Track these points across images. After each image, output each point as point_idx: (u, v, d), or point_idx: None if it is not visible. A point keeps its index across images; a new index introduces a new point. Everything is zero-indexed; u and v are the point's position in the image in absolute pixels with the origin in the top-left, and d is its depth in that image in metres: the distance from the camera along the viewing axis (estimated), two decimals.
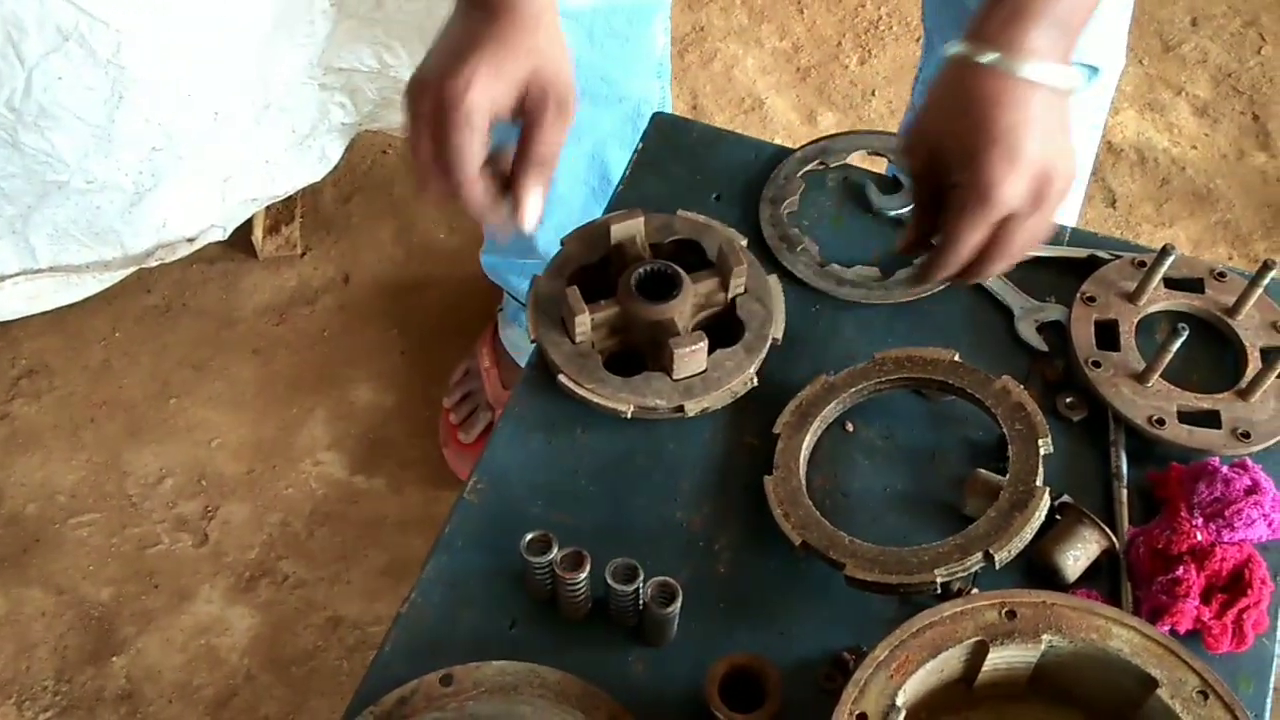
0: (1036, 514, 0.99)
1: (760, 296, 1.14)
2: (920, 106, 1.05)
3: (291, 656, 1.80)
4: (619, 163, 1.51)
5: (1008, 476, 1.01)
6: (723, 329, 1.13)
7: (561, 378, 1.10)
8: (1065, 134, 1.01)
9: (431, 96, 1.00)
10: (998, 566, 0.98)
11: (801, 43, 2.44)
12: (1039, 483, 1.00)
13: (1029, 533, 0.99)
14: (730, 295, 1.13)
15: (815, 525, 1.02)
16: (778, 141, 1.57)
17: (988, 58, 0.97)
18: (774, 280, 1.15)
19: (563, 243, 1.17)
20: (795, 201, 1.24)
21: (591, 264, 1.16)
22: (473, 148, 1.01)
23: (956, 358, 1.09)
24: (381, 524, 1.90)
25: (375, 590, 1.84)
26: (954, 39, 1.00)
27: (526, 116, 1.03)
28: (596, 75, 1.54)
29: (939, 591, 0.98)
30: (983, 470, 1.05)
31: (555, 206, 1.66)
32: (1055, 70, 0.98)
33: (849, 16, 2.47)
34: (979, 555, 0.97)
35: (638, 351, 1.13)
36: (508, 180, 1.05)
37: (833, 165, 1.27)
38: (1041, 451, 1.02)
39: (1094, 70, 1.47)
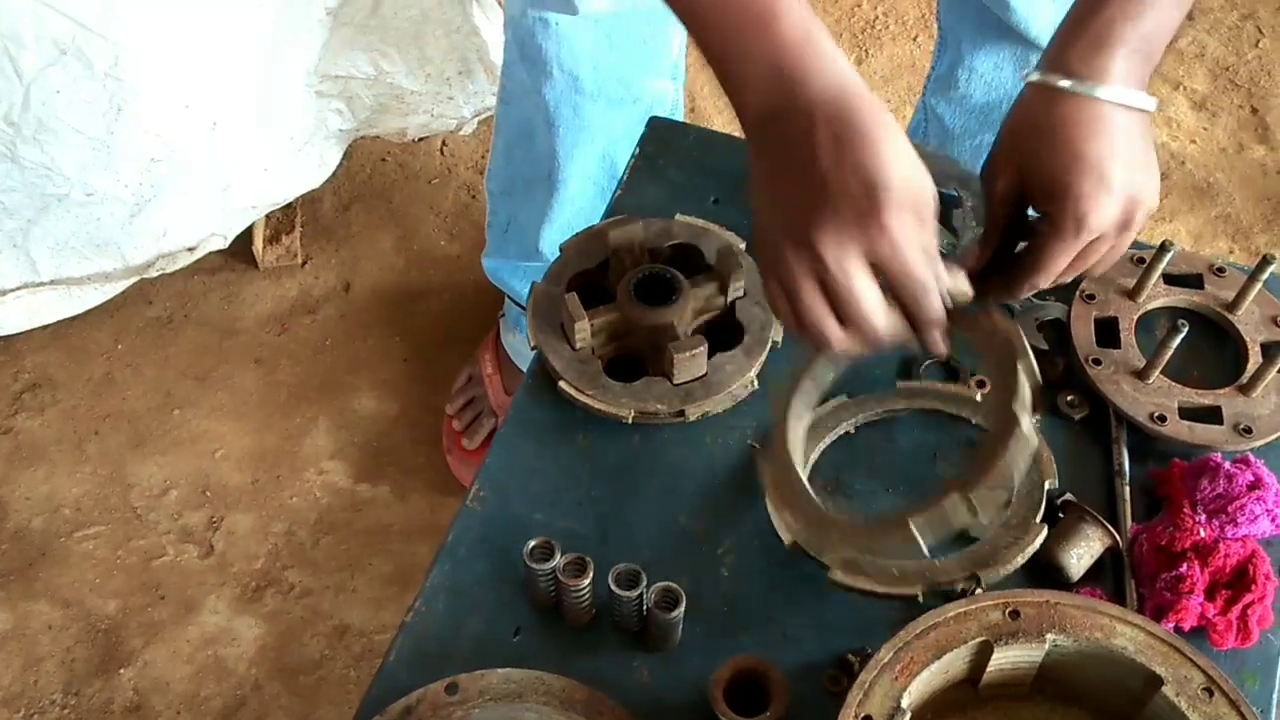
0: (1032, 545, 1.00)
1: (759, 299, 1.14)
2: (1001, 134, 1.05)
3: (299, 666, 1.80)
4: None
5: (1009, 513, 1.02)
6: (722, 332, 1.13)
7: (562, 384, 1.10)
8: (1149, 154, 1.02)
9: (862, 242, 0.86)
10: (983, 588, 0.98)
11: None
12: (1038, 519, 1.01)
13: (1021, 559, 0.99)
14: (729, 299, 1.13)
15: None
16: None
17: (1069, 84, 0.98)
18: None
19: (561, 249, 1.17)
20: None
21: (590, 270, 1.16)
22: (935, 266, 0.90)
23: (979, 398, 1.10)
24: (386, 532, 1.90)
25: (381, 598, 1.84)
26: (970, 40, 0.99)
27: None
28: (613, 77, 1.55)
29: (921, 601, 0.98)
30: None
31: (564, 205, 1.68)
32: (1136, 94, 0.99)
33: (845, 16, 2.47)
34: (964, 575, 0.99)
35: (638, 357, 1.13)
36: None
37: None
38: (1046, 487, 1.03)
39: None
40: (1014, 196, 1.04)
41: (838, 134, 0.86)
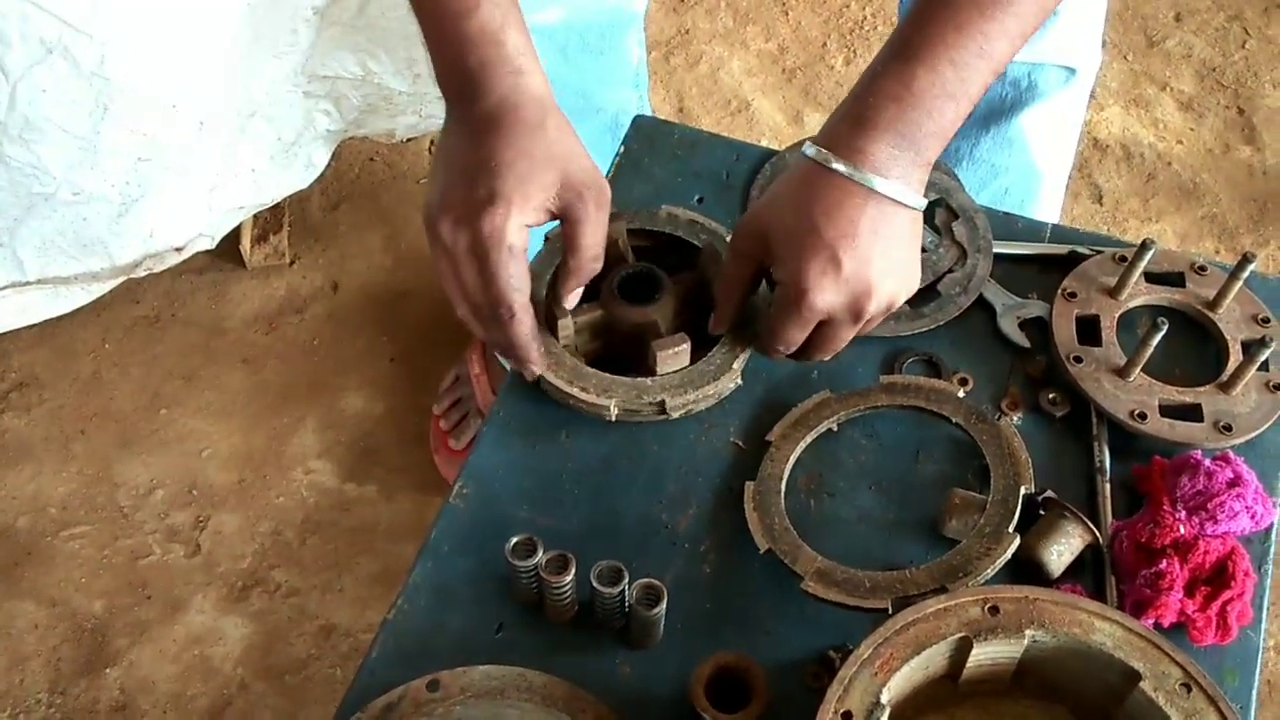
0: (1004, 555, 1.00)
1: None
2: (764, 194, 1.04)
3: (285, 665, 1.80)
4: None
5: (981, 521, 1.02)
6: (705, 329, 1.13)
7: (545, 375, 1.09)
8: (904, 249, 1.01)
9: (466, 234, 0.98)
10: None
11: (787, 44, 2.45)
12: (1011, 528, 1.01)
13: (991, 570, 1.00)
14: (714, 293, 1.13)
15: (784, 535, 1.03)
16: (764, 143, 1.57)
17: (831, 163, 0.97)
18: None
19: (547, 238, 1.16)
20: None
21: None
22: (524, 279, 1.01)
23: (961, 394, 1.10)
24: (373, 531, 1.90)
25: (367, 598, 1.84)
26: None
27: (568, 222, 1.02)
28: (571, 89, 1.55)
29: (891, 614, 0.99)
30: (960, 490, 1.05)
31: None
32: (893, 185, 0.97)
33: (834, 17, 2.48)
34: (934, 587, 0.99)
35: (621, 354, 1.13)
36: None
37: None
38: (1021, 493, 1.03)
39: (1071, 71, 1.48)
40: (755, 251, 1.03)
41: (485, 143, 0.98)
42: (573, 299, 1.08)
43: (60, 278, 1.83)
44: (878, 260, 0.98)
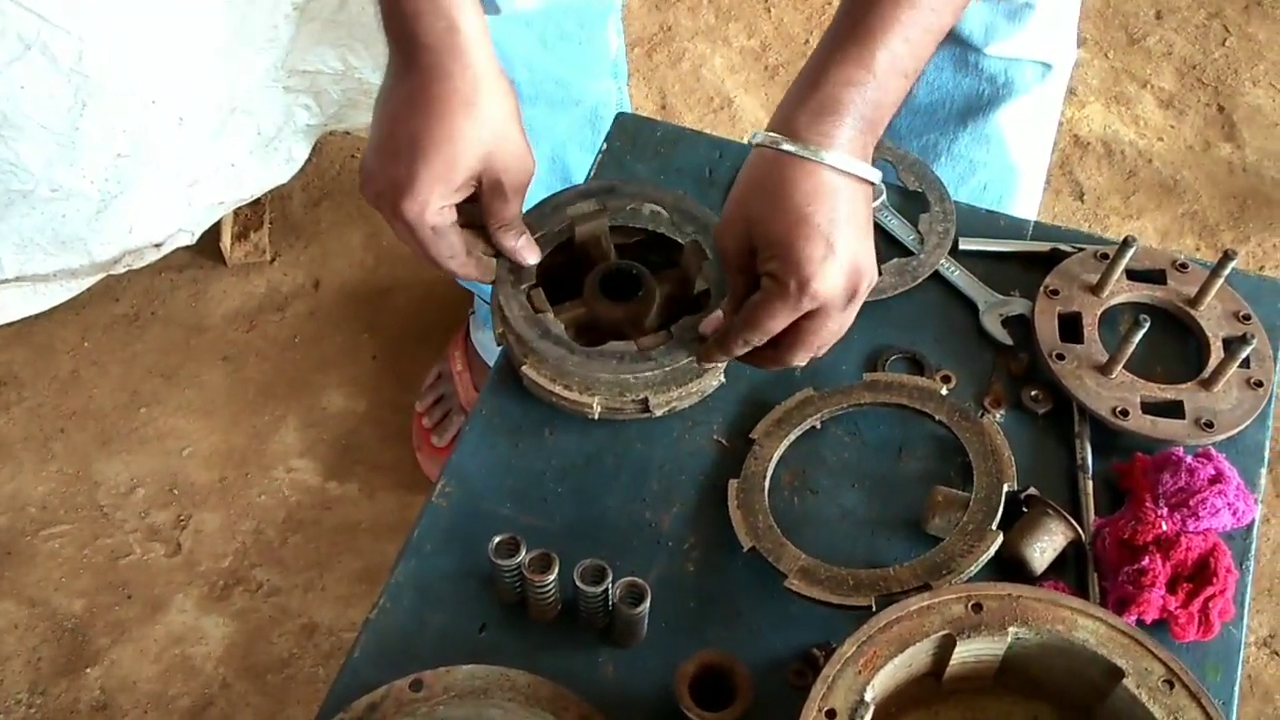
0: (987, 552, 1.00)
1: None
2: (730, 197, 1.02)
3: (267, 664, 1.79)
4: (579, 164, 1.51)
5: (964, 518, 1.02)
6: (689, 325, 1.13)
7: (526, 369, 1.09)
8: (870, 226, 1.00)
9: (389, 209, 1.02)
10: None
11: (769, 41, 2.45)
12: (994, 525, 1.01)
13: (975, 568, 1.00)
14: (696, 292, 1.13)
15: (768, 533, 1.03)
16: (746, 140, 1.56)
17: (796, 149, 0.95)
18: None
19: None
20: None
21: (557, 264, 1.15)
22: (454, 246, 1.05)
23: (944, 392, 1.10)
24: (355, 530, 1.90)
25: (350, 596, 1.84)
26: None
27: (483, 199, 1.06)
28: (550, 78, 1.54)
29: (874, 611, 0.99)
30: (943, 487, 1.05)
31: None
32: (860, 164, 0.97)
33: (816, 14, 2.48)
34: (918, 585, 0.99)
35: None
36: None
37: None
38: (1004, 490, 1.03)
39: (1047, 67, 1.48)
40: (746, 259, 1.01)
41: (416, 111, 0.99)
42: (520, 247, 1.10)
43: (39, 275, 1.82)
44: (861, 240, 0.98)
